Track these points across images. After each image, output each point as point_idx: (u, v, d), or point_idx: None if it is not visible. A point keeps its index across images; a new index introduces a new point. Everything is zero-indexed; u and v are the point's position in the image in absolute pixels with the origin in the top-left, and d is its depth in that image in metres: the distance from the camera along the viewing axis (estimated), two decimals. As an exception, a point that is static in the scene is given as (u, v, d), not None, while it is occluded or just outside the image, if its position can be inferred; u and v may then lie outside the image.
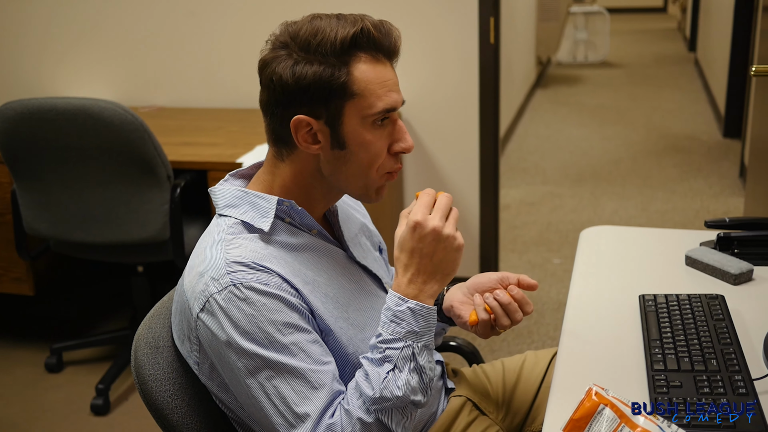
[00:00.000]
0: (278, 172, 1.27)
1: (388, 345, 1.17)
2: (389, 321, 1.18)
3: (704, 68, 7.56)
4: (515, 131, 6.20)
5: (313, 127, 1.21)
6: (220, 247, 1.20)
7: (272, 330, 1.15)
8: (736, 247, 1.68)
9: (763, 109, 2.50)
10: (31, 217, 2.63)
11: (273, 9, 3.29)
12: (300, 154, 1.25)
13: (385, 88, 1.22)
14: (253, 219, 1.24)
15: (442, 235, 1.17)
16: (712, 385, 1.19)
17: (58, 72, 3.60)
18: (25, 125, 2.42)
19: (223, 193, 1.28)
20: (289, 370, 1.14)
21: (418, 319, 1.17)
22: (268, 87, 1.22)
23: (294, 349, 1.15)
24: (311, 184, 1.28)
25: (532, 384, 1.58)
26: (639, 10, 13.18)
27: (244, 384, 1.17)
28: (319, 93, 1.18)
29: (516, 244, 4.05)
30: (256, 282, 1.16)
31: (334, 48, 1.18)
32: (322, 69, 1.17)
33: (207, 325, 1.18)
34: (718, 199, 4.58)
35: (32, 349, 3.11)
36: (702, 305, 1.43)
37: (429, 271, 1.19)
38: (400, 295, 1.18)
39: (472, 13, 3.11)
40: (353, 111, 1.20)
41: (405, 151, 1.27)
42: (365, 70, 1.20)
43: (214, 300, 1.16)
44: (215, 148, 2.85)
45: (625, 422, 1.06)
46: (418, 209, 1.19)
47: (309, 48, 1.18)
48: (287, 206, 1.25)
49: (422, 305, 1.18)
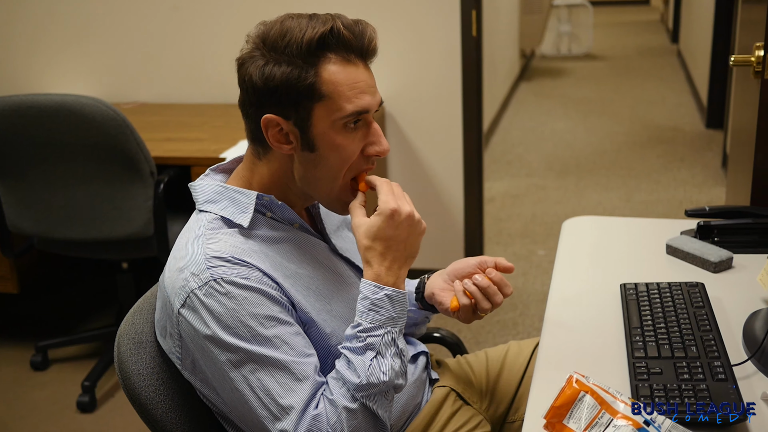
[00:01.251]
0: (256, 170, 1.28)
1: (369, 333, 1.17)
2: (367, 310, 1.19)
3: (687, 60, 7.60)
4: (499, 124, 6.22)
5: (283, 128, 1.20)
6: (200, 243, 1.21)
7: (254, 323, 1.15)
8: (716, 235, 1.70)
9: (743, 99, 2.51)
10: (14, 215, 2.62)
11: (256, 4, 3.29)
12: (276, 154, 1.25)
13: (356, 90, 1.20)
14: (233, 214, 1.24)
15: (415, 220, 1.21)
16: (692, 371, 1.20)
17: (45, 70, 3.58)
18: (6, 122, 2.41)
19: (203, 188, 1.28)
20: (273, 362, 1.15)
21: (395, 305, 1.20)
22: (242, 87, 1.23)
23: (277, 342, 1.15)
24: (286, 185, 1.28)
25: (516, 373, 1.59)
26: (622, 3, 13.22)
27: (227, 378, 1.17)
28: (288, 94, 1.18)
29: (501, 236, 4.06)
30: (236, 276, 1.16)
31: (300, 49, 1.17)
32: (290, 70, 1.17)
33: (188, 320, 1.18)
34: (701, 189, 4.61)
35: (17, 347, 3.10)
36: (682, 293, 1.44)
37: (403, 256, 1.22)
38: (377, 284, 1.19)
39: (454, 6, 3.11)
40: (322, 113, 1.19)
41: (379, 154, 1.26)
42: (334, 71, 1.18)
43: (194, 295, 1.16)
44: (199, 143, 2.84)
45: (605, 409, 1.07)
46: (388, 197, 1.20)
47: (277, 48, 1.17)
48: (267, 200, 1.26)
49: (398, 291, 1.20)
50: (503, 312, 3.26)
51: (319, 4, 3.23)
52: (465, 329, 3.12)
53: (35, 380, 2.89)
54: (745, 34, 2.58)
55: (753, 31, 2.38)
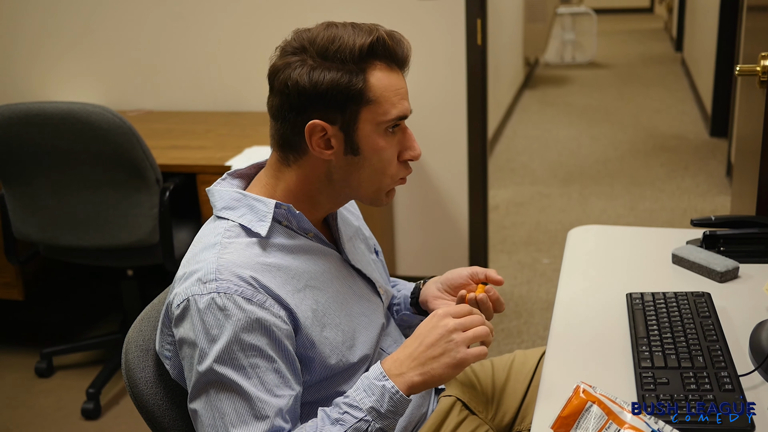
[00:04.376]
0: (283, 177, 1.28)
1: (349, 410, 1.17)
2: (362, 388, 1.18)
3: (691, 68, 7.60)
4: (504, 132, 6.22)
5: (327, 133, 1.22)
6: (215, 251, 1.21)
7: (236, 348, 1.15)
8: (722, 245, 1.70)
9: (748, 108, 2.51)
10: (19, 222, 2.63)
11: (262, 12, 3.30)
12: (309, 160, 1.25)
13: (398, 96, 1.25)
14: (251, 222, 1.24)
15: (449, 336, 1.17)
16: (699, 381, 1.20)
17: (49, 77, 3.60)
18: (13, 130, 2.42)
19: (221, 195, 1.29)
20: (238, 391, 1.15)
21: (386, 402, 1.16)
22: (282, 92, 1.22)
23: (250, 372, 1.15)
24: (318, 189, 1.28)
25: (522, 383, 1.59)
26: (626, 11, 13.23)
27: (192, 388, 1.18)
28: (336, 99, 1.20)
29: (505, 244, 4.06)
30: (239, 295, 1.16)
31: (352, 55, 1.20)
32: (340, 75, 1.19)
33: (181, 323, 1.19)
34: (706, 197, 4.60)
35: (22, 354, 3.11)
36: (689, 303, 1.44)
37: (421, 360, 1.18)
38: (383, 371, 1.18)
39: (459, 15, 3.12)
40: (368, 117, 1.22)
41: (414, 158, 1.30)
42: (381, 77, 1.22)
43: (194, 300, 1.17)
44: (204, 151, 2.85)
45: (612, 419, 1.07)
46: (451, 308, 1.21)
47: (327, 54, 1.20)
48: (285, 210, 1.26)
49: (397, 391, 1.17)
50: (508, 320, 3.26)
51: (326, 11, 3.24)
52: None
53: (40, 387, 2.90)
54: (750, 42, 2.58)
55: (758, 40, 2.38)
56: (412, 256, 3.49)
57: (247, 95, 3.39)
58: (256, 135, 3.02)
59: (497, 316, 3.30)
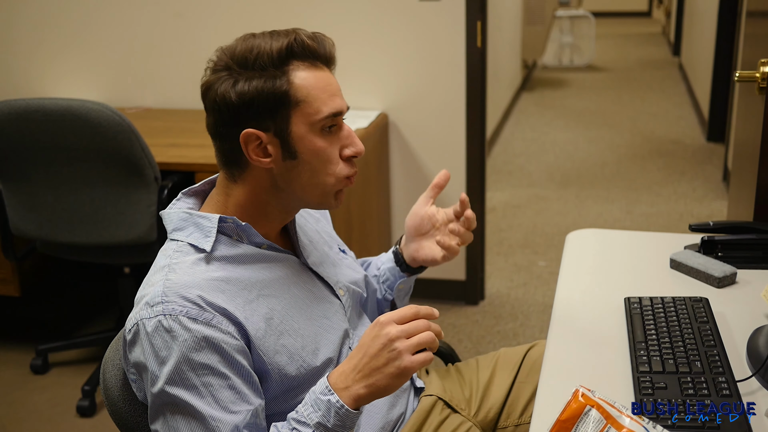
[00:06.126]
0: (232, 193, 1.29)
1: (297, 426, 1.17)
2: (309, 403, 1.18)
3: (688, 72, 7.62)
4: (501, 134, 6.23)
5: (262, 141, 1.22)
6: (162, 274, 1.21)
7: (186, 368, 1.15)
8: (720, 250, 1.70)
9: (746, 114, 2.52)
10: (17, 218, 2.63)
11: (259, 10, 3.30)
12: (252, 172, 1.26)
13: (327, 93, 1.24)
14: (198, 240, 1.25)
15: (391, 345, 1.13)
16: (697, 386, 1.20)
17: (47, 73, 3.59)
18: (11, 126, 2.42)
19: (170, 217, 1.30)
20: (192, 411, 1.15)
21: (332, 417, 1.16)
22: (214, 109, 1.24)
23: (203, 391, 1.15)
24: (266, 201, 1.29)
25: (506, 378, 1.59)
26: (624, 15, 13.26)
27: (149, 410, 1.20)
28: (264, 105, 1.20)
29: (502, 246, 4.06)
30: (184, 316, 1.16)
31: (271, 59, 1.20)
32: (263, 81, 1.20)
33: (133, 347, 1.20)
34: (702, 202, 4.62)
35: (18, 350, 3.10)
36: (686, 308, 1.45)
37: (365, 372, 1.15)
38: (329, 385, 1.17)
39: (459, 17, 3.12)
40: (300, 119, 1.22)
41: (356, 155, 1.29)
42: (305, 77, 1.22)
43: (142, 325, 1.18)
44: (202, 149, 2.85)
45: (611, 423, 1.07)
46: (393, 313, 1.16)
47: (247, 64, 1.21)
48: (231, 222, 1.26)
49: (342, 405, 1.15)
50: (504, 322, 3.27)
51: (325, 11, 3.25)
52: (465, 339, 3.13)
53: (35, 384, 2.89)
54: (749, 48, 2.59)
55: (757, 46, 2.39)
56: (409, 257, 3.49)
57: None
58: (255, 134, 3.01)
59: (494, 319, 3.30)
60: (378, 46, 3.20)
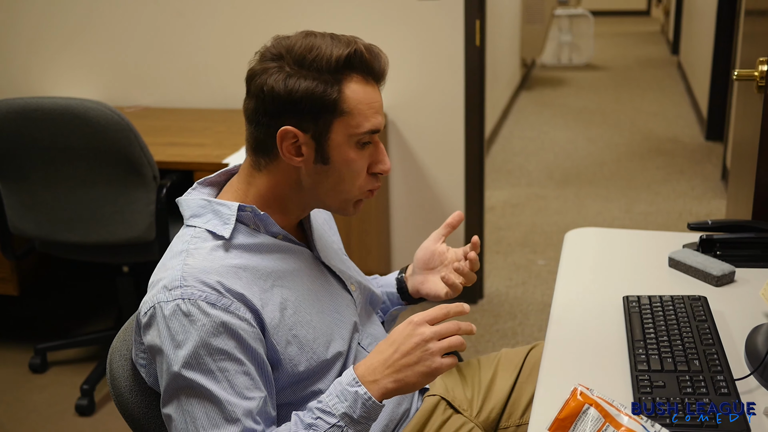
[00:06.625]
0: (254, 182, 1.29)
1: (322, 415, 1.18)
2: (334, 394, 1.19)
3: (687, 71, 7.62)
4: (500, 133, 6.23)
5: (298, 140, 1.23)
6: (180, 258, 1.22)
7: (203, 353, 1.16)
8: (719, 249, 1.70)
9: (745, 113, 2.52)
10: (16, 217, 2.62)
11: (260, 10, 3.29)
12: (279, 165, 1.27)
13: (372, 110, 1.25)
14: (216, 227, 1.26)
15: (425, 346, 1.17)
16: (695, 385, 1.20)
17: (46, 72, 3.59)
18: (10, 125, 2.41)
19: (188, 204, 1.30)
20: (208, 395, 1.16)
21: (358, 408, 1.17)
22: (258, 96, 1.24)
23: (219, 376, 1.16)
24: (288, 196, 1.30)
25: (508, 379, 1.59)
26: (623, 13, 13.26)
27: (163, 394, 1.20)
28: (310, 107, 1.21)
29: (501, 245, 4.07)
30: (203, 300, 1.17)
31: (329, 65, 1.21)
32: (315, 84, 1.20)
33: (149, 330, 1.20)
34: (701, 201, 4.62)
35: (16, 349, 3.10)
36: (685, 306, 1.45)
37: (396, 368, 1.18)
38: (356, 377, 1.18)
39: (458, 16, 3.12)
40: (341, 128, 1.23)
41: (383, 172, 1.31)
42: (356, 90, 1.23)
43: (160, 308, 1.18)
44: (201, 148, 2.85)
45: (609, 422, 1.07)
46: (427, 313, 1.20)
47: (303, 63, 1.21)
48: (249, 211, 1.27)
49: (370, 397, 1.17)
50: (503, 321, 3.27)
51: (324, 11, 3.25)
52: (464, 338, 3.12)
53: (34, 383, 2.89)
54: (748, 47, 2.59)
55: (756, 45, 2.39)
56: (409, 256, 3.49)
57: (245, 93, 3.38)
58: (254, 133, 3.01)
59: (493, 317, 3.30)
60: (377, 44, 3.19)
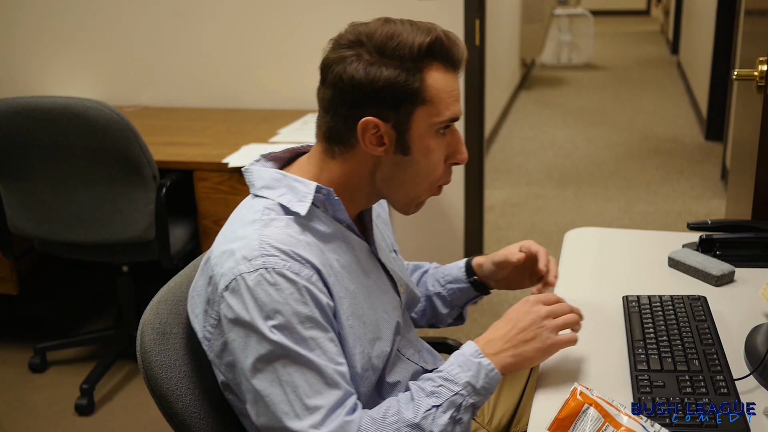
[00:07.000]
0: (326, 168, 1.26)
1: (445, 383, 1.19)
2: (456, 364, 1.21)
3: (687, 71, 7.62)
4: (500, 132, 6.23)
5: (380, 130, 1.20)
6: (255, 228, 1.19)
7: (295, 321, 1.14)
8: (718, 248, 1.70)
9: (745, 113, 2.52)
10: (15, 217, 2.62)
11: (259, 9, 3.29)
12: (356, 155, 1.24)
13: (452, 98, 1.23)
14: (290, 202, 1.23)
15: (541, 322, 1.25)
16: (695, 385, 1.20)
17: (46, 72, 3.59)
18: (9, 124, 2.41)
19: (260, 174, 1.27)
20: (305, 362, 1.13)
21: (481, 379, 1.20)
22: (336, 86, 1.20)
23: (312, 344, 1.14)
24: (358, 186, 1.27)
25: (517, 384, 1.60)
26: (622, 13, 13.26)
27: (252, 368, 1.15)
28: (392, 96, 1.19)
29: (500, 245, 4.06)
30: (287, 270, 1.15)
31: (411, 53, 1.18)
32: (397, 73, 1.18)
33: (230, 303, 1.16)
34: (700, 200, 4.62)
35: (16, 348, 3.10)
36: (684, 306, 1.45)
37: (514, 342, 1.24)
38: (479, 349, 1.22)
39: (458, 15, 3.12)
40: (422, 117, 1.21)
41: (460, 162, 1.28)
42: (437, 78, 1.21)
43: (242, 279, 1.15)
44: (201, 148, 2.85)
45: (609, 421, 1.07)
46: (540, 296, 1.30)
47: (385, 51, 1.18)
48: (324, 194, 1.25)
49: (493, 368, 1.21)
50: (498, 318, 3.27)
51: (324, 11, 3.24)
52: (464, 338, 3.11)
53: (33, 382, 2.89)
54: (748, 46, 2.59)
55: (755, 44, 2.39)
56: (408, 255, 3.47)
57: (245, 92, 3.39)
58: (253, 132, 3.01)
59: (492, 317, 3.30)
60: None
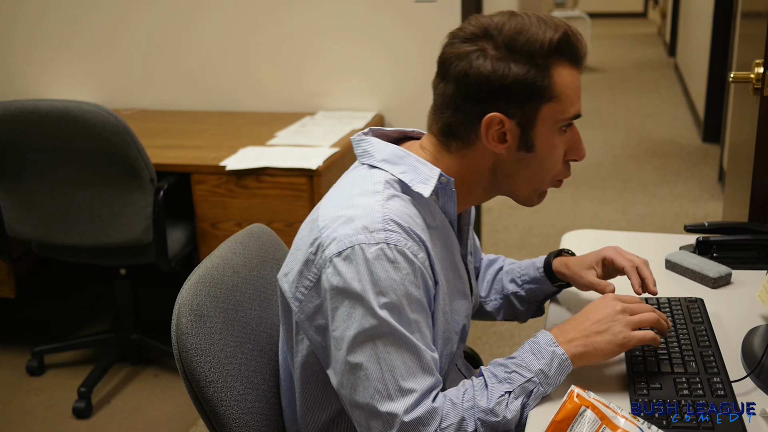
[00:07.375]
0: (443, 160, 1.25)
1: (518, 369, 1.19)
2: (530, 352, 1.20)
3: (684, 73, 7.63)
4: (497, 135, 6.23)
5: (504, 126, 1.20)
6: (377, 199, 1.18)
7: (405, 302, 1.13)
8: (715, 251, 1.71)
9: (741, 115, 2.53)
10: (12, 220, 2.62)
11: (257, 12, 3.29)
12: (475, 151, 1.23)
13: (577, 95, 1.22)
14: (412, 181, 1.21)
15: (616, 316, 1.22)
16: (692, 387, 1.20)
17: (43, 75, 3.59)
18: (7, 127, 2.41)
19: (379, 146, 1.25)
20: (407, 344, 1.13)
21: (554, 367, 1.19)
22: (460, 81, 1.19)
23: (414, 327, 1.14)
24: (476, 182, 1.27)
25: None
26: (619, 15, 13.28)
27: (352, 340, 1.13)
28: (519, 93, 1.17)
29: (498, 247, 4.07)
30: (408, 249, 1.14)
31: (541, 49, 1.17)
32: (527, 70, 1.17)
33: (340, 270, 1.14)
34: (698, 203, 4.62)
35: (13, 352, 3.10)
36: (681, 308, 1.45)
37: (585, 333, 1.22)
38: (553, 338, 1.21)
39: (455, 17, 3.12)
40: (548, 114, 1.20)
41: (579, 159, 1.28)
42: (564, 75, 1.20)
43: (360, 249, 1.13)
44: (198, 150, 2.85)
45: (606, 424, 1.07)
46: (619, 295, 1.27)
47: (514, 46, 1.17)
48: (445, 182, 1.23)
49: (567, 358, 1.20)
50: (500, 323, 3.27)
51: (323, 11, 3.25)
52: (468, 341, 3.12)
53: (31, 385, 2.89)
54: (744, 49, 2.59)
55: (752, 47, 2.39)
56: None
57: (242, 95, 3.39)
58: (251, 135, 3.01)
59: (489, 318, 3.30)
60: (374, 47, 3.20)
